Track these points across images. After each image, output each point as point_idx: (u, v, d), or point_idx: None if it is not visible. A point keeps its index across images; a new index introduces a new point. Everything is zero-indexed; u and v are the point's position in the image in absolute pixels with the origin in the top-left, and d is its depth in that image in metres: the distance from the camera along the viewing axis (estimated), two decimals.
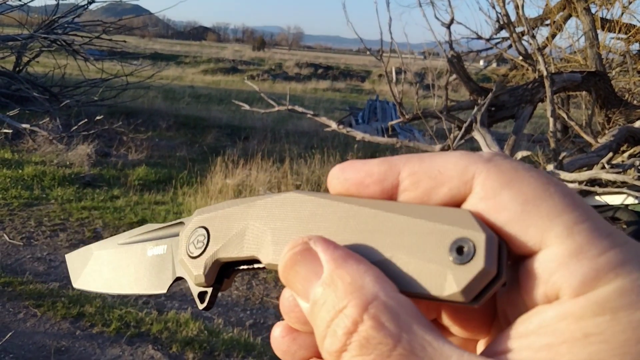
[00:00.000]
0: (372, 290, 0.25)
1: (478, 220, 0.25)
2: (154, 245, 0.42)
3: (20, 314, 3.58)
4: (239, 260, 0.35)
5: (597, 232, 0.23)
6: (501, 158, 0.27)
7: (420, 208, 0.28)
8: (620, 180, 4.54)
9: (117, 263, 0.45)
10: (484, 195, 0.26)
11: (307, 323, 0.28)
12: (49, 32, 10.24)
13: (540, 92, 5.45)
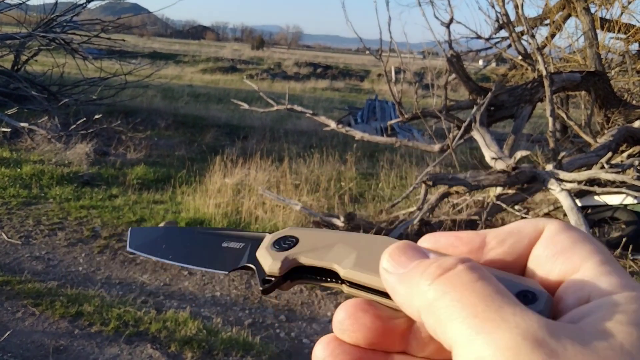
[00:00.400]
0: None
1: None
2: (230, 241, 0.47)
3: (19, 313, 3.58)
4: (314, 267, 0.40)
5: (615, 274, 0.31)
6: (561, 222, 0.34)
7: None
8: (620, 180, 4.55)
9: (189, 242, 0.50)
10: (550, 235, 0.33)
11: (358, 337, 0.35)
12: (47, 30, 10.23)
13: (540, 92, 5.45)
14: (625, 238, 4.99)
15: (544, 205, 5.70)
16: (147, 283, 4.21)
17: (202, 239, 0.49)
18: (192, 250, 0.49)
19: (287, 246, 0.41)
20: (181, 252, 0.49)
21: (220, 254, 0.47)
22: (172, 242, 0.51)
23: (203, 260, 0.47)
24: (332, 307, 4.02)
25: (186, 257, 0.48)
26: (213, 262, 0.47)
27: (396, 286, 0.32)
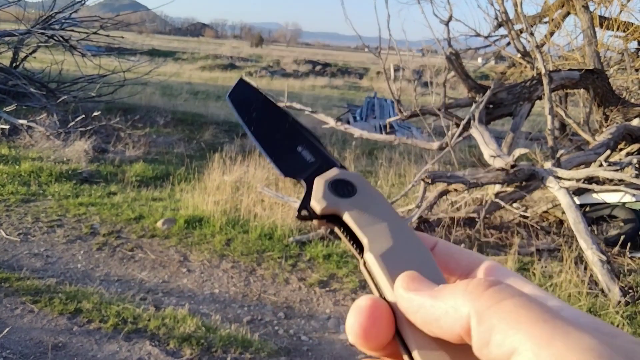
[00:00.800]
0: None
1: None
2: (305, 148, 0.47)
3: (17, 310, 3.58)
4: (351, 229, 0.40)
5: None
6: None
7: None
8: (618, 178, 4.55)
9: (275, 125, 0.49)
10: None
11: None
12: (46, 27, 10.20)
13: (539, 90, 5.46)
14: (624, 236, 5.00)
15: (543, 203, 5.71)
16: (145, 280, 4.22)
17: (287, 130, 0.49)
18: (272, 135, 0.48)
19: (341, 193, 0.41)
20: (263, 129, 0.49)
21: (291, 156, 0.47)
22: (263, 115, 0.50)
23: (273, 151, 0.47)
24: (330, 304, 4.03)
25: (263, 138, 0.48)
26: (280, 158, 0.46)
27: (429, 301, 0.34)
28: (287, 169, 0.46)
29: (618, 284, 3.96)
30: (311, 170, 0.45)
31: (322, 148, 0.48)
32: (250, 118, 0.50)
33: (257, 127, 0.49)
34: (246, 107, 0.51)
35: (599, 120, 6.19)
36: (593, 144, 5.49)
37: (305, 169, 0.45)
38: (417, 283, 0.35)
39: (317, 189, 0.42)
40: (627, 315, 3.82)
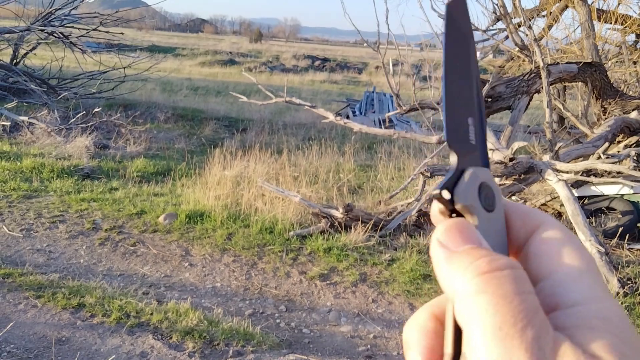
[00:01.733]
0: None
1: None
2: (474, 124, 0.41)
3: (21, 305, 3.62)
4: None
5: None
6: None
7: None
8: (616, 170, 4.58)
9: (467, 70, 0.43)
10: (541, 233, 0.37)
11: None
12: (45, 24, 10.21)
13: (537, 83, 5.47)
14: (622, 228, 5.03)
15: (541, 196, 5.74)
16: (148, 274, 4.25)
17: (471, 88, 0.43)
18: (460, 88, 0.42)
19: (484, 201, 0.38)
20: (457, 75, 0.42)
21: (462, 125, 0.41)
22: (465, 51, 0.43)
23: (453, 110, 0.41)
24: (331, 297, 4.07)
25: (452, 89, 0.41)
26: (453, 121, 0.40)
27: (442, 262, 0.34)
28: (454, 138, 0.40)
29: (616, 276, 4.00)
30: (470, 155, 0.40)
31: (484, 134, 0.42)
32: (456, 50, 0.42)
33: (454, 70, 0.42)
34: (459, 31, 0.43)
35: (597, 113, 6.20)
36: (591, 137, 5.51)
37: (467, 149, 0.40)
38: (450, 236, 0.35)
39: (469, 181, 0.38)
40: (625, 306, 3.86)
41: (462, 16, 0.43)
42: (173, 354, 3.19)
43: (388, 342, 3.54)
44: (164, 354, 3.19)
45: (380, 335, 3.60)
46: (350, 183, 6.77)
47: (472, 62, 0.44)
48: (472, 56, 0.44)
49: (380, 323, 3.75)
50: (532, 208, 0.39)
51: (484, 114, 0.43)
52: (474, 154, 0.40)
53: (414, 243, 4.95)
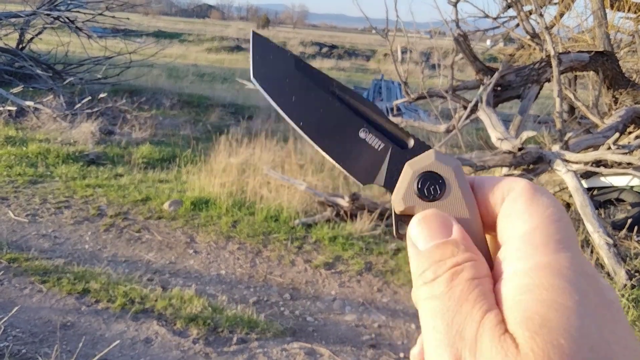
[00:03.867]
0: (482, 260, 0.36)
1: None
2: (369, 133, 0.40)
3: (26, 290, 3.62)
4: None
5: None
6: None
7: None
8: (626, 161, 4.52)
9: (322, 106, 0.41)
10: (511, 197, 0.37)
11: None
12: (51, 9, 10.17)
13: (547, 72, 5.40)
14: (631, 219, 4.98)
15: (550, 187, 5.69)
16: (152, 261, 4.25)
17: (338, 111, 0.41)
18: (325, 122, 0.40)
19: (428, 194, 0.37)
20: (314, 118, 0.41)
21: (356, 147, 0.40)
22: (304, 93, 0.42)
23: (335, 147, 0.40)
24: (336, 285, 4.05)
25: (318, 132, 0.40)
26: (346, 157, 0.40)
27: (412, 258, 0.37)
28: (362, 173, 0.39)
29: (624, 268, 3.96)
30: (387, 164, 0.39)
31: (384, 120, 0.41)
32: (292, 106, 0.41)
33: (306, 119, 0.41)
34: (279, 88, 0.42)
35: (608, 103, 6.13)
36: (602, 127, 5.45)
37: (379, 164, 0.39)
38: (417, 232, 0.37)
39: (401, 182, 0.38)
40: (632, 298, 3.82)
41: (269, 62, 0.43)
42: (177, 340, 3.18)
43: (393, 331, 3.53)
44: (168, 340, 3.18)
45: (385, 325, 3.59)
46: None
47: (309, 77, 0.42)
48: (304, 72, 0.42)
49: (385, 312, 3.74)
50: (500, 177, 0.39)
51: (361, 100, 0.42)
52: (391, 156, 0.39)
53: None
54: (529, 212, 0.35)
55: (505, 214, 0.36)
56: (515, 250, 0.34)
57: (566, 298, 0.30)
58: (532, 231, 0.34)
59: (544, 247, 0.32)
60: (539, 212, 0.34)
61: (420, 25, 7.18)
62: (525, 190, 0.36)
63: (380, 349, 3.30)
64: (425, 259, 0.35)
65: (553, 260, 0.32)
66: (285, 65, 0.43)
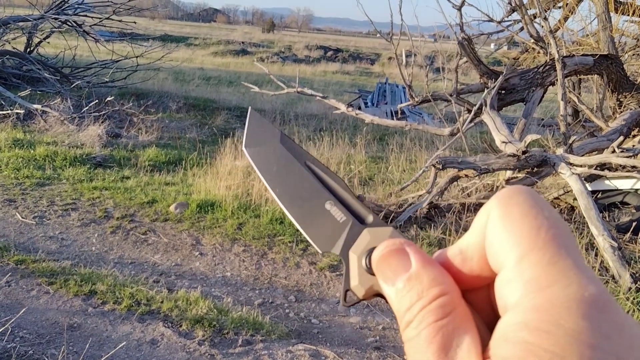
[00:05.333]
0: (448, 288, 0.34)
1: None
2: (333, 205, 0.43)
3: (33, 291, 3.65)
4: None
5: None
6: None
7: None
8: (631, 164, 4.52)
9: (298, 177, 0.45)
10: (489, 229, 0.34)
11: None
12: (59, 12, 10.26)
13: (552, 76, 5.41)
14: (635, 222, 4.98)
15: (554, 190, 5.69)
16: (158, 263, 4.28)
17: (310, 183, 0.45)
18: (298, 192, 0.45)
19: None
20: (289, 187, 0.45)
21: (320, 217, 0.43)
22: (284, 166, 0.46)
23: (303, 215, 0.44)
24: (340, 287, 4.06)
25: (290, 200, 0.44)
26: (310, 224, 0.43)
27: (387, 297, 0.37)
28: (322, 241, 0.42)
29: (629, 271, 3.96)
30: (345, 236, 0.41)
31: (350, 195, 0.44)
32: (272, 174, 0.46)
33: (282, 187, 0.45)
34: (266, 159, 0.47)
35: (612, 106, 6.12)
36: (606, 130, 5.45)
37: (339, 234, 0.41)
38: (383, 265, 0.37)
39: (353, 271, 0.39)
40: (637, 301, 3.82)
41: (259, 135, 0.48)
42: (183, 341, 3.21)
43: (397, 333, 3.54)
44: (174, 341, 3.21)
45: (389, 327, 3.60)
46: (361, 174, 6.75)
47: (290, 151, 0.46)
48: (286, 146, 0.47)
49: (390, 314, 3.75)
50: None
51: (331, 174, 0.45)
52: (349, 231, 0.41)
53: (424, 235, 4.93)
54: (506, 240, 0.31)
55: (488, 247, 0.33)
56: (507, 288, 0.30)
57: (550, 343, 0.26)
58: (517, 266, 0.30)
59: (532, 284, 0.29)
60: (516, 236, 0.31)
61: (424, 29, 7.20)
62: (496, 211, 0.33)
63: (384, 351, 3.32)
64: (397, 305, 0.35)
65: (542, 300, 0.28)
66: (272, 138, 0.48)
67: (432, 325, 0.32)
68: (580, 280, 0.28)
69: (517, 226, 0.31)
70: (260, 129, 0.49)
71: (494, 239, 0.32)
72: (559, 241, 0.30)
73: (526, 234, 0.30)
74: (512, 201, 0.32)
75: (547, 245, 0.30)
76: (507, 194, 0.33)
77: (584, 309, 0.27)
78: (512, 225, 0.31)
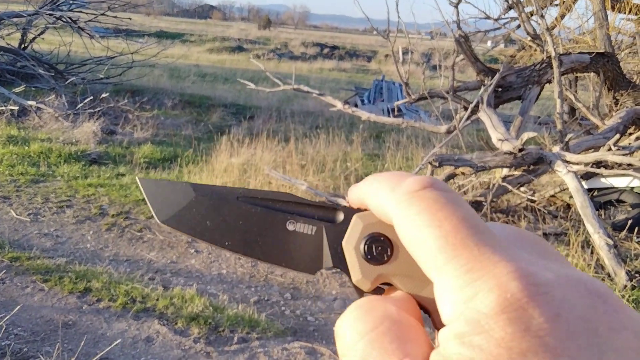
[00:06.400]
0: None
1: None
2: (296, 222, 0.39)
3: (28, 289, 3.63)
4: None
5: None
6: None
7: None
8: (627, 162, 4.53)
9: (241, 219, 0.40)
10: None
11: None
12: (54, 8, 10.19)
13: (548, 73, 5.41)
14: (631, 220, 4.99)
15: (550, 187, 5.70)
16: (154, 260, 4.26)
17: (256, 215, 0.39)
18: (249, 232, 0.39)
19: (378, 257, 0.35)
20: (237, 233, 0.40)
21: (290, 242, 0.38)
22: (217, 216, 0.40)
23: (270, 251, 0.39)
24: (337, 285, 4.06)
25: (247, 244, 0.39)
26: (285, 255, 0.39)
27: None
28: (308, 265, 0.38)
29: (624, 268, 3.97)
30: (326, 244, 0.38)
31: (306, 204, 0.40)
32: (210, 231, 0.40)
33: (229, 236, 0.40)
34: (193, 221, 0.41)
35: (608, 104, 6.14)
36: (602, 128, 5.46)
37: (320, 247, 0.38)
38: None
39: (352, 267, 0.36)
40: (633, 299, 3.83)
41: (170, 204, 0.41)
42: (178, 339, 3.20)
43: None
44: (170, 339, 3.20)
45: None
46: (357, 172, 6.74)
47: (217, 201, 0.40)
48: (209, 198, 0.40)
49: None
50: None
51: (286, 196, 0.40)
52: (327, 235, 0.38)
53: None
54: (412, 233, 0.29)
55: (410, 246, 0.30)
56: (439, 302, 0.28)
57: (485, 356, 0.25)
58: (437, 276, 0.28)
59: (457, 294, 0.27)
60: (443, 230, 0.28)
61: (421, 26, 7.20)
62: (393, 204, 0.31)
63: None
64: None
65: (472, 312, 0.26)
66: (184, 196, 0.41)
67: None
68: (501, 279, 0.26)
69: (423, 234, 0.29)
70: (163, 192, 0.42)
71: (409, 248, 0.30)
72: (471, 235, 0.28)
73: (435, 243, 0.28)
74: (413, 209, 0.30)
75: (459, 247, 0.27)
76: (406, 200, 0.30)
77: (508, 313, 0.25)
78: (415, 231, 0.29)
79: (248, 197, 0.40)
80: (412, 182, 0.31)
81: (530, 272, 0.26)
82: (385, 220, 0.33)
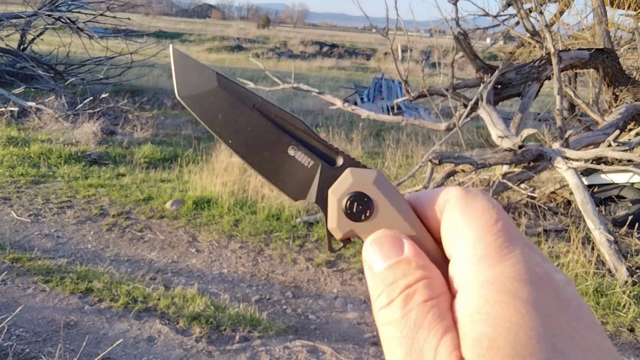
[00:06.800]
0: (436, 275, 0.35)
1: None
2: (297, 150, 0.41)
3: (30, 289, 3.64)
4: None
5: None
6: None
7: None
8: (627, 158, 4.53)
9: (251, 124, 0.41)
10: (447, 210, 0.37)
11: None
12: (52, 9, 10.18)
13: (547, 70, 5.41)
14: (632, 216, 4.99)
15: (550, 184, 5.70)
16: (155, 260, 4.26)
17: (266, 128, 0.41)
18: (254, 141, 0.41)
19: (357, 214, 0.37)
20: (242, 136, 0.41)
21: (286, 165, 0.40)
22: (230, 113, 0.42)
23: (265, 165, 0.41)
24: (337, 283, 4.06)
25: (248, 150, 0.41)
26: (276, 174, 0.41)
27: (368, 281, 0.36)
28: (293, 190, 0.40)
29: (625, 264, 3.97)
30: (317, 181, 0.39)
31: (313, 137, 0.41)
32: (220, 124, 0.41)
33: (235, 137, 0.41)
34: (207, 107, 0.42)
35: (608, 100, 6.13)
36: (602, 124, 5.45)
37: (310, 181, 0.40)
38: (370, 254, 0.37)
39: (331, 214, 0.38)
40: (634, 295, 3.83)
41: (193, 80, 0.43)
42: (180, 338, 3.20)
43: None
44: (171, 338, 3.20)
45: None
46: None
47: (235, 94, 0.42)
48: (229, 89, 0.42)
49: None
50: (435, 190, 0.39)
51: (288, 116, 0.42)
52: (321, 174, 0.40)
53: None
54: (465, 224, 0.34)
55: (445, 229, 0.36)
56: (462, 267, 0.33)
57: (511, 313, 0.28)
58: (472, 245, 0.33)
59: (486, 260, 0.31)
60: (475, 221, 0.33)
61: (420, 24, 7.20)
62: (457, 200, 0.36)
63: (382, 347, 3.32)
64: (379, 281, 0.35)
65: (496, 273, 0.30)
66: (208, 82, 0.43)
67: (423, 305, 0.32)
68: (528, 260, 0.31)
69: (477, 216, 0.34)
70: (191, 71, 0.43)
71: (452, 224, 0.35)
72: (512, 234, 0.33)
73: (484, 222, 0.33)
74: (474, 197, 0.35)
75: (500, 232, 0.33)
76: (467, 190, 0.36)
77: (534, 282, 0.30)
78: (472, 215, 0.34)
79: (263, 108, 0.42)
80: (470, 188, 0.39)
81: (550, 266, 0.32)
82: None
